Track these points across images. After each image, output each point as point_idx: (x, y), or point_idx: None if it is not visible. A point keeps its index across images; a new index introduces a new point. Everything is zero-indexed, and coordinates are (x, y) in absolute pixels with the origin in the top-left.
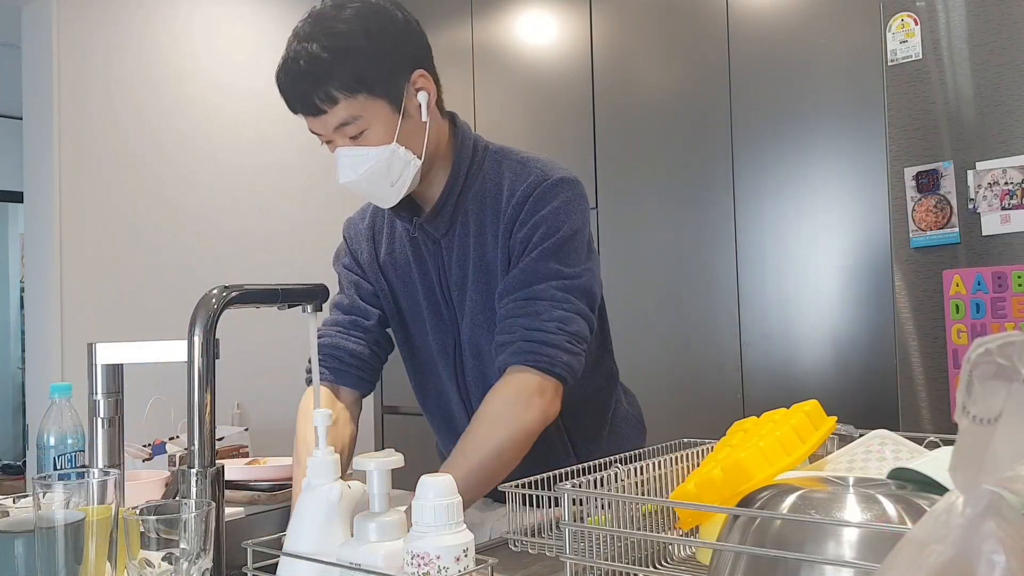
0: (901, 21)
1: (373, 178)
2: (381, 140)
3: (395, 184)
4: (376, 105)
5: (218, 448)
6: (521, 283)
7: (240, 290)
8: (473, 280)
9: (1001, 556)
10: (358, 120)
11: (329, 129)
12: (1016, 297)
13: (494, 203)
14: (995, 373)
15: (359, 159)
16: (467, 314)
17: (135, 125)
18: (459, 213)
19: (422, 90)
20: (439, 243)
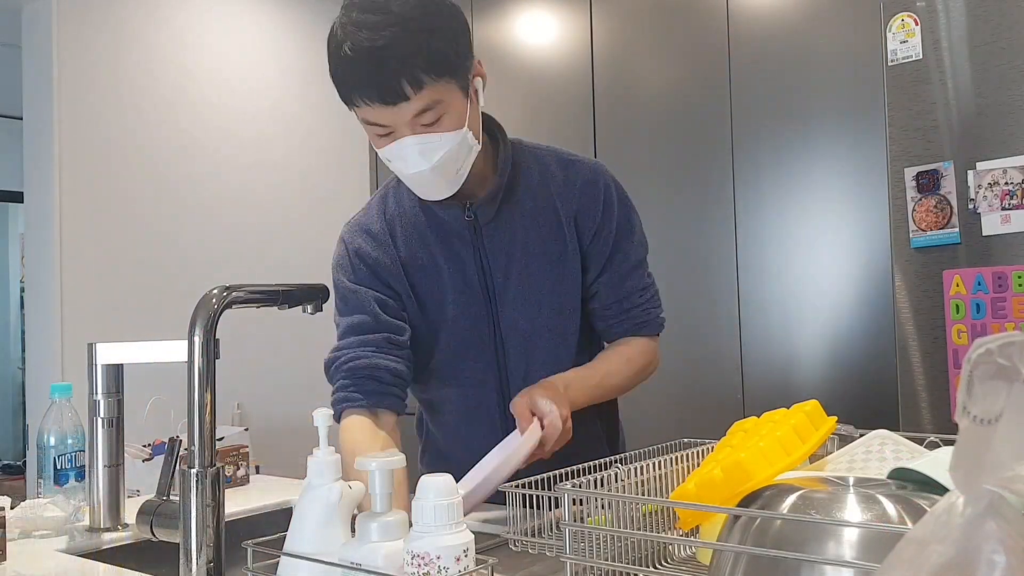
0: (901, 21)
1: (444, 166)
2: (455, 125)
3: (459, 171)
4: (452, 89)
5: (218, 448)
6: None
7: (240, 290)
8: (521, 265)
9: (1001, 556)
10: (438, 105)
11: (407, 117)
12: (1016, 297)
13: (544, 189)
14: (996, 373)
15: (433, 146)
16: (511, 299)
17: (135, 125)
18: (506, 199)
19: (478, 76)
20: (480, 230)
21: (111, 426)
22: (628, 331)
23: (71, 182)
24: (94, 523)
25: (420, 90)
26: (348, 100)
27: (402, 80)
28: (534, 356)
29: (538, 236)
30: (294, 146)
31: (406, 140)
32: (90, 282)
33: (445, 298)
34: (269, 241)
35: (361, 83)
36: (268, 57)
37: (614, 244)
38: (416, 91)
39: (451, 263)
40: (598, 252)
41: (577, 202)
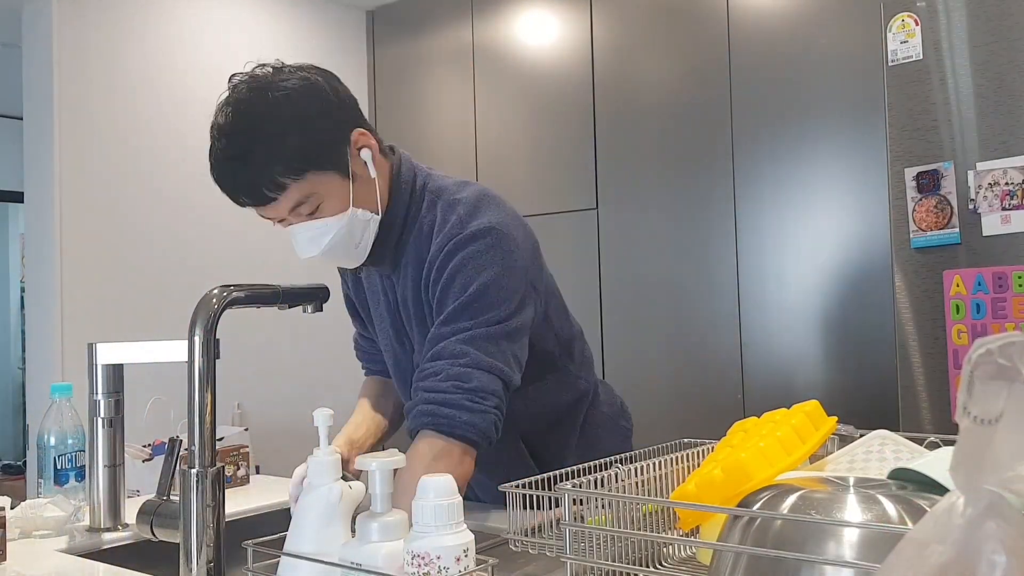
0: (901, 21)
1: (336, 248)
2: (338, 209)
3: (359, 246)
4: (326, 178)
5: (218, 448)
6: (430, 345)
7: (240, 290)
8: (419, 310)
9: (1002, 556)
10: (311, 198)
11: (283, 213)
12: (1016, 297)
13: (427, 245)
14: (996, 373)
15: (318, 233)
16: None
17: (135, 125)
18: (400, 253)
19: (364, 147)
20: (391, 279)
21: (111, 426)
22: (414, 418)
23: (71, 182)
24: (94, 523)
25: (284, 191)
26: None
27: (261, 186)
28: None
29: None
30: None
31: (294, 228)
32: (90, 282)
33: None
34: (269, 241)
35: (229, 189)
36: (268, 57)
37: (438, 310)
38: (279, 192)
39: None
40: (434, 302)
41: (430, 263)
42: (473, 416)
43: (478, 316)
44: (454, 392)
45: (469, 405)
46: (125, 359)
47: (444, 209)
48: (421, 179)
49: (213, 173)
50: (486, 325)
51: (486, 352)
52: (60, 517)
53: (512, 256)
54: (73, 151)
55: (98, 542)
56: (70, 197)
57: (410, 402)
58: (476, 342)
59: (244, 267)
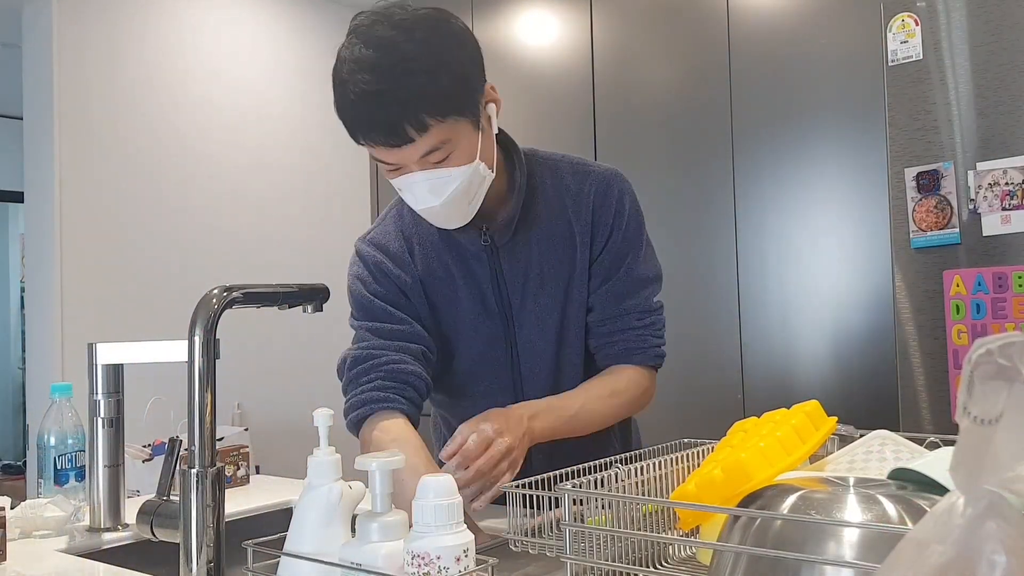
0: (902, 21)
1: (455, 201)
2: (464, 160)
3: (472, 202)
4: (462, 126)
5: (218, 448)
6: (629, 291)
7: (240, 290)
8: (536, 286)
9: (1002, 556)
10: (446, 144)
11: (414, 158)
12: (1017, 297)
13: (556, 207)
14: (996, 373)
15: (442, 183)
16: (527, 320)
17: (135, 125)
18: (522, 220)
19: (491, 101)
20: (497, 251)
21: (111, 426)
22: (618, 356)
23: (71, 182)
24: (94, 523)
25: (425, 132)
26: (354, 139)
27: (405, 124)
28: (549, 377)
29: (551, 257)
30: (294, 146)
31: (415, 176)
32: (90, 282)
33: (462, 316)
34: (269, 241)
35: (364, 126)
36: (268, 57)
37: (617, 256)
38: (420, 134)
39: (468, 282)
40: (603, 263)
41: (590, 214)
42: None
43: (649, 261)
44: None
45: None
46: (125, 359)
47: (574, 172)
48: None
49: (346, 110)
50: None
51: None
52: (60, 517)
53: None
54: (73, 151)
55: (98, 542)
56: (70, 197)
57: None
58: (658, 289)
59: (244, 267)
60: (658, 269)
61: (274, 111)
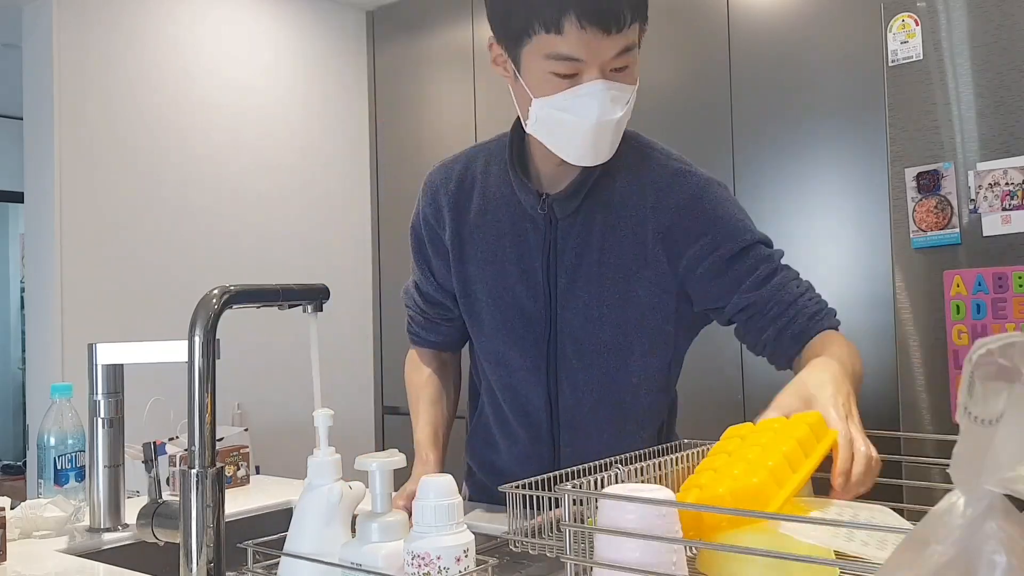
0: (902, 22)
1: (622, 122)
2: (635, 80)
3: (619, 135)
4: (641, 38)
5: (218, 448)
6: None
7: (240, 290)
8: (592, 270)
9: (1002, 556)
10: (632, 51)
11: (610, 53)
12: (1017, 298)
13: (637, 193)
14: (996, 374)
15: (622, 96)
16: (573, 304)
17: (135, 125)
18: (587, 198)
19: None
20: (556, 224)
21: (111, 426)
22: (807, 330)
23: (71, 182)
24: (94, 523)
25: (633, 24)
26: (549, 22)
27: (624, 6)
28: (585, 370)
29: (617, 245)
30: (294, 146)
31: (597, 84)
32: (90, 282)
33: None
34: (269, 241)
35: (587, 3)
36: (268, 57)
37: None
38: (632, 23)
39: (517, 248)
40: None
41: (672, 218)
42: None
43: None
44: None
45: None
46: (125, 359)
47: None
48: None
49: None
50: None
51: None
52: (60, 517)
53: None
54: (73, 151)
55: (98, 542)
56: (70, 197)
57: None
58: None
59: (244, 267)
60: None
61: (274, 111)
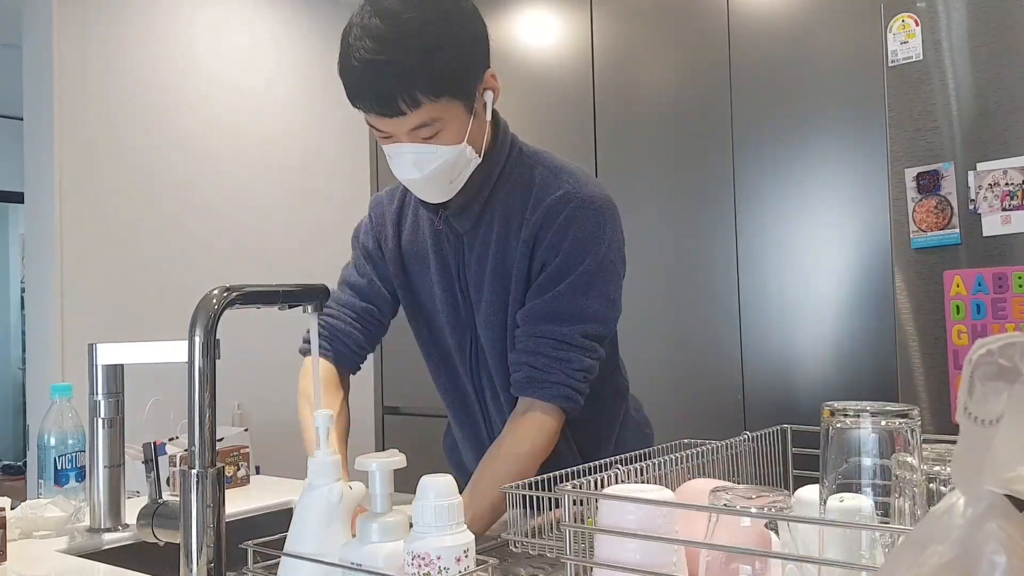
0: (902, 22)
1: (438, 176)
2: (453, 140)
3: (453, 182)
4: (454, 107)
5: (218, 449)
6: (551, 316)
7: (241, 291)
8: (490, 280)
9: (1002, 557)
10: (436, 122)
11: (403, 130)
12: (1017, 298)
13: (520, 207)
14: (997, 374)
15: (427, 158)
16: (482, 313)
17: (135, 125)
18: (487, 211)
19: (489, 89)
20: (461, 239)
21: (111, 426)
22: (519, 384)
23: (71, 182)
24: (94, 523)
25: (416, 108)
26: (351, 102)
27: (398, 98)
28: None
29: (507, 254)
30: (295, 146)
31: (403, 147)
32: (90, 282)
33: (433, 291)
34: (269, 241)
35: (361, 92)
36: (269, 57)
37: (554, 279)
38: (412, 109)
39: (438, 264)
40: (539, 284)
41: (538, 226)
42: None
43: (592, 298)
44: (583, 382)
45: (585, 390)
46: (125, 359)
47: (546, 175)
48: (518, 143)
49: (347, 73)
50: (599, 319)
51: (602, 344)
52: (60, 517)
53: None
54: (73, 151)
55: (98, 542)
56: (70, 197)
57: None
58: (598, 337)
59: (244, 267)
60: (604, 312)
61: (274, 111)
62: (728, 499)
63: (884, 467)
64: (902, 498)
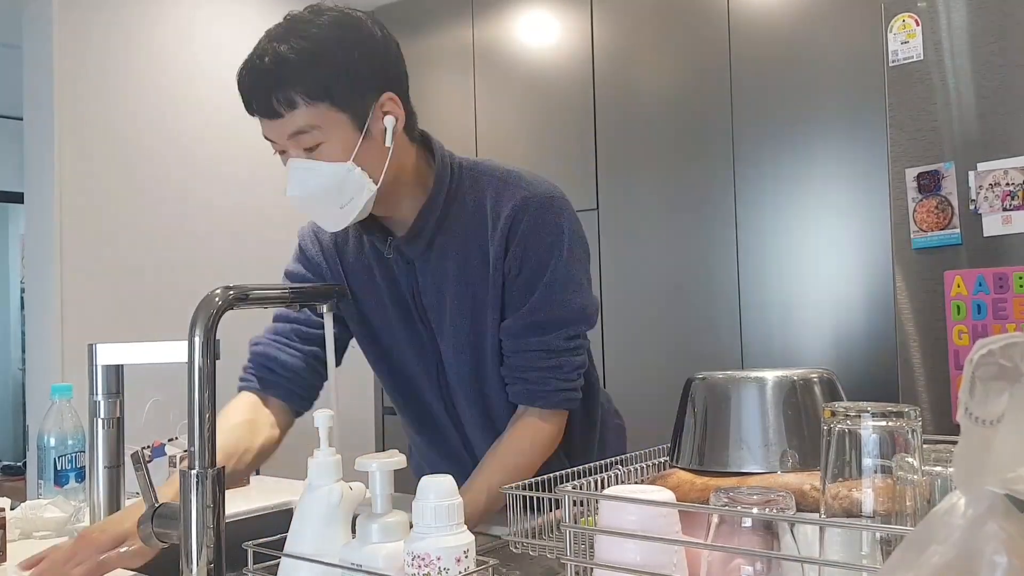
0: (902, 22)
1: (321, 196)
2: (337, 157)
3: (344, 207)
4: (337, 118)
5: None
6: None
7: (242, 291)
8: (454, 303)
9: (1003, 557)
10: (315, 131)
11: (284, 135)
12: (1017, 298)
13: (478, 223)
14: (997, 374)
15: (310, 173)
16: (448, 337)
17: (135, 125)
18: (437, 235)
19: (389, 114)
20: (413, 264)
21: (111, 427)
22: (519, 396)
23: (71, 182)
24: (94, 524)
25: (292, 109)
26: (245, 109)
27: (272, 97)
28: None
29: (466, 276)
30: None
31: (292, 161)
32: (90, 283)
33: (388, 320)
34: (269, 241)
35: (245, 92)
36: None
37: (527, 290)
38: (288, 110)
39: (392, 289)
40: (512, 296)
41: (504, 237)
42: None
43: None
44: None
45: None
46: (125, 360)
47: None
48: (457, 161)
49: (239, 73)
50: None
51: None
52: (60, 518)
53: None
54: (73, 151)
55: None
56: (70, 198)
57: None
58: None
59: (244, 267)
60: (579, 307)
61: None
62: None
63: (884, 467)
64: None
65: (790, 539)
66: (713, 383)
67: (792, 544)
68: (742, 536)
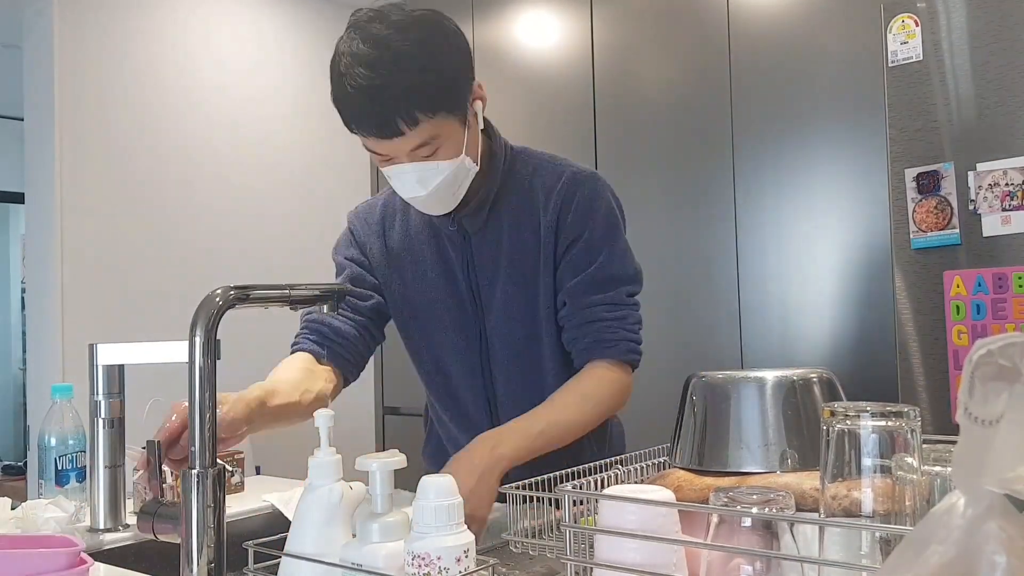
0: (902, 22)
1: (440, 191)
2: (451, 155)
3: (456, 193)
4: (450, 122)
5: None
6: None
7: (243, 291)
8: (506, 273)
9: (1002, 557)
10: (435, 140)
11: (404, 150)
12: (1017, 298)
13: (529, 200)
14: (997, 374)
15: (429, 174)
16: (498, 306)
17: (135, 125)
18: (494, 212)
19: (478, 99)
20: (469, 238)
21: (112, 427)
22: (589, 350)
23: (71, 182)
24: (95, 524)
25: (415, 127)
26: (349, 129)
27: (397, 118)
28: (516, 368)
29: (519, 247)
30: (295, 146)
31: (404, 167)
32: (90, 282)
33: (433, 295)
34: (270, 241)
35: (359, 118)
36: (269, 57)
37: (586, 254)
38: (411, 128)
39: (441, 264)
40: (572, 261)
41: (557, 211)
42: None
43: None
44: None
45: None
46: (126, 360)
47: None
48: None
49: (343, 102)
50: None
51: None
52: (61, 518)
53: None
54: (73, 151)
55: (98, 542)
56: (70, 198)
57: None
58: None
59: (244, 268)
60: (634, 270)
61: (275, 110)
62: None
63: (884, 467)
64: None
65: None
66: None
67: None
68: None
